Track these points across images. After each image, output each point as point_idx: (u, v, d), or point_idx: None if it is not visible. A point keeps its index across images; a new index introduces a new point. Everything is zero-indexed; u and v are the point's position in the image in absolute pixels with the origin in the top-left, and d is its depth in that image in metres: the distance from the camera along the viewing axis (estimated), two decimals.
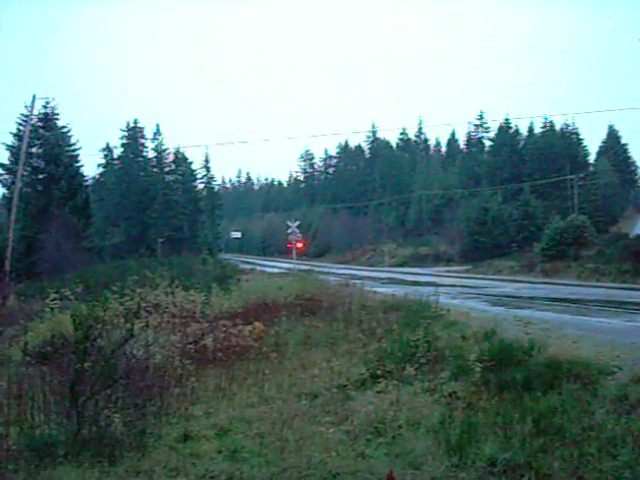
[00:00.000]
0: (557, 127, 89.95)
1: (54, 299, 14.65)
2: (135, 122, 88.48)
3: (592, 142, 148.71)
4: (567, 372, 10.11)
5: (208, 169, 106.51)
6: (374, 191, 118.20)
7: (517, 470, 6.99)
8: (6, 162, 58.79)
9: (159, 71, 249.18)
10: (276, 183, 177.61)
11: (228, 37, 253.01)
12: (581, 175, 74.85)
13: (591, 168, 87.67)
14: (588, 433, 7.76)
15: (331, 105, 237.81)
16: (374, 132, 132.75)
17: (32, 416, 8.68)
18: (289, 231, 50.94)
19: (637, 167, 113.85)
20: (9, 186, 57.08)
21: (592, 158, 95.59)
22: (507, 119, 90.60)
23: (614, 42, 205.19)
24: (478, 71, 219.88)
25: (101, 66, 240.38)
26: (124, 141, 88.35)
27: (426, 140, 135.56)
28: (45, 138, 59.37)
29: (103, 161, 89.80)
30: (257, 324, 16.02)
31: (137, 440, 8.18)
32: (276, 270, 50.75)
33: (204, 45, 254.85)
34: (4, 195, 64.54)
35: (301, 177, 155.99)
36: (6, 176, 58.94)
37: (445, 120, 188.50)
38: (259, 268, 58.50)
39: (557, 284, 41.22)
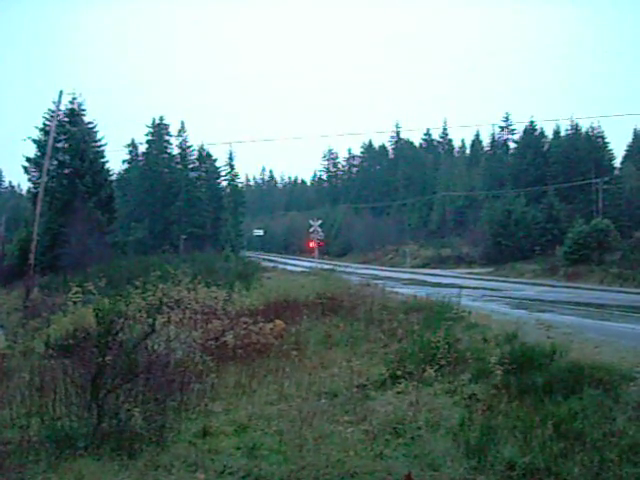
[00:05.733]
0: (583, 130, 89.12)
1: (77, 293, 14.77)
2: (160, 119, 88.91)
3: (618, 146, 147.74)
4: (589, 377, 10.03)
5: (232, 166, 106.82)
6: (397, 191, 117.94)
7: (536, 474, 6.95)
8: (33, 156, 59.28)
9: (186, 70, 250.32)
10: (299, 182, 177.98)
11: (254, 36, 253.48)
12: (606, 179, 73.99)
13: (616, 172, 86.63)
14: (609, 439, 7.70)
15: (356, 105, 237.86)
16: (398, 132, 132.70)
17: (53, 408, 8.77)
18: (311, 230, 51.05)
19: None
20: (35, 180, 57.57)
21: (618, 162, 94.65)
22: (532, 121, 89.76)
23: None
24: (504, 72, 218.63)
25: (128, 64, 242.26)
26: (149, 138, 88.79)
27: (450, 141, 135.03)
28: (71, 133, 59.72)
29: (128, 157, 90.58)
30: (278, 322, 16.04)
31: (157, 434, 8.22)
32: (298, 269, 50.81)
33: (230, 44, 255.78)
34: (30, 189, 65.12)
35: (324, 176, 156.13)
36: (33, 170, 59.45)
37: (470, 121, 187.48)
38: (281, 266, 58.64)
39: (580, 288, 40.87)
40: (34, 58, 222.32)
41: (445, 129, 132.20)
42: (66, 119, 59.83)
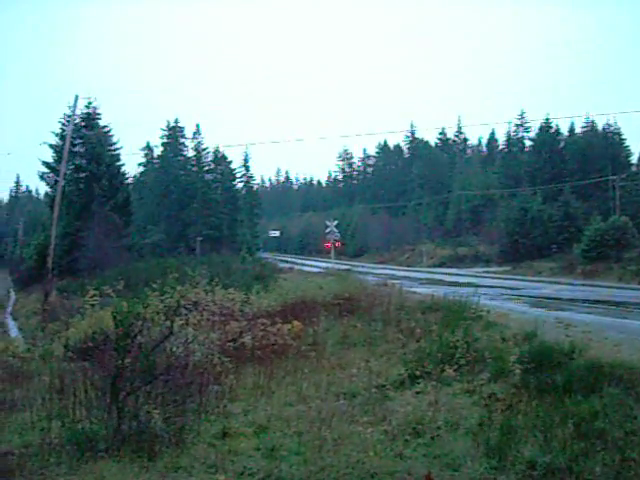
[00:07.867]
0: (599, 127, 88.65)
1: (94, 296, 14.81)
2: (176, 122, 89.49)
3: (635, 142, 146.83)
4: (609, 375, 9.95)
5: (247, 168, 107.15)
6: (413, 191, 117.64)
7: (557, 474, 6.90)
8: (50, 161, 59.68)
9: (201, 72, 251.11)
10: (315, 182, 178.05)
11: (268, 36, 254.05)
12: (623, 176, 73.47)
13: (633, 168, 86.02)
14: (631, 438, 7.63)
15: (371, 105, 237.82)
16: (413, 132, 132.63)
17: (74, 411, 8.80)
18: (327, 230, 51.01)
19: None
20: (52, 184, 57.95)
21: (635, 158, 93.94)
22: (547, 119, 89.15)
23: None
24: (519, 69, 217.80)
25: (143, 68, 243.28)
26: (164, 140, 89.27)
27: (465, 140, 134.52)
28: (87, 137, 60.11)
29: (144, 160, 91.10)
30: (296, 323, 16.05)
31: (176, 436, 8.23)
32: (314, 269, 50.84)
33: (245, 45, 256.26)
34: (47, 193, 65.58)
35: (340, 177, 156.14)
36: (50, 174, 59.84)
37: (485, 119, 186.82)
38: (297, 267, 58.66)
39: (598, 286, 40.62)
40: (49, 64, 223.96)
41: (460, 128, 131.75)
42: (82, 123, 60.19)
